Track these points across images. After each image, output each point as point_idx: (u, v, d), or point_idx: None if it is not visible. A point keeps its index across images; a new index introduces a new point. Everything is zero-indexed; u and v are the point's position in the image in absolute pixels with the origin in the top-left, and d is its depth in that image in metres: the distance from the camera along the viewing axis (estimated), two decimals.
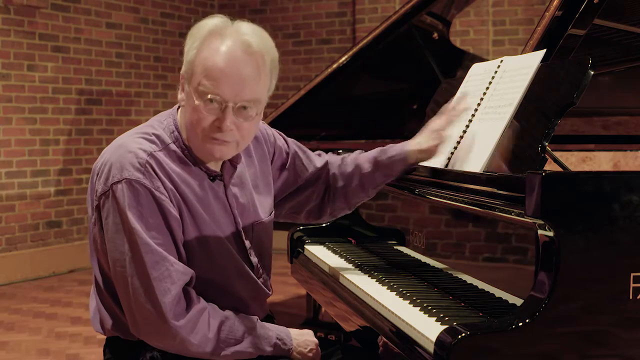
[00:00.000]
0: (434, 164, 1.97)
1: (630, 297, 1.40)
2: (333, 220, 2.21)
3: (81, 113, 5.99)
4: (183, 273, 1.62)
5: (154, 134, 1.69)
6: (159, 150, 1.66)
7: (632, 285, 1.40)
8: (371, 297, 1.81)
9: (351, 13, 6.62)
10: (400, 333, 1.57)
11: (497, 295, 1.62)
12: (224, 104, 1.61)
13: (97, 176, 1.66)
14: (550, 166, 1.63)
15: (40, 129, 5.68)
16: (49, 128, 5.76)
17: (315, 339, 1.82)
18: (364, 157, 2.03)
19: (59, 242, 5.85)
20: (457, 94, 2.09)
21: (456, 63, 3.83)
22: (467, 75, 2.10)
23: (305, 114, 3.87)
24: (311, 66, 6.79)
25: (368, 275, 2.01)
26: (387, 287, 1.86)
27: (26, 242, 5.61)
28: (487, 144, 1.79)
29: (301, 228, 2.55)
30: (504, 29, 6.05)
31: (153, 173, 1.62)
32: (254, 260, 1.83)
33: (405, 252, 2.12)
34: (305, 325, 3.13)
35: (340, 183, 2.03)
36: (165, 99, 6.68)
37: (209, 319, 1.64)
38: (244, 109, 1.64)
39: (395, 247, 2.20)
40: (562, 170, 1.70)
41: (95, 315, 1.75)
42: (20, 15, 5.48)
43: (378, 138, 3.89)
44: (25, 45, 5.54)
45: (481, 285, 1.69)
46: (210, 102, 1.61)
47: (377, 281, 1.94)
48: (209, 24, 1.67)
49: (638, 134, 2.56)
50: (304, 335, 1.81)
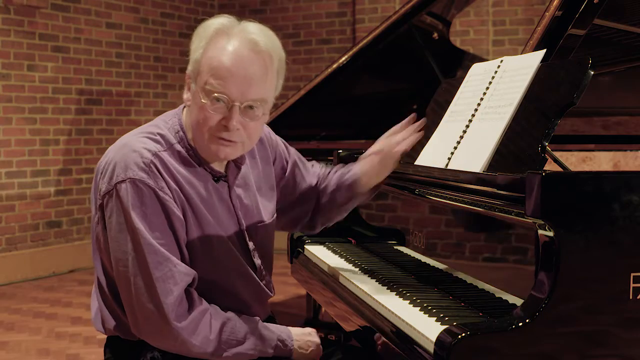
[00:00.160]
0: (434, 164, 1.97)
1: (630, 297, 1.40)
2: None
3: (81, 113, 5.99)
4: (185, 274, 1.62)
5: (158, 134, 1.68)
6: (164, 150, 1.66)
7: (632, 285, 1.40)
8: (371, 297, 1.81)
9: (351, 13, 6.62)
10: (400, 333, 1.57)
11: (497, 295, 1.62)
12: (230, 103, 1.61)
13: (101, 175, 1.65)
14: (550, 166, 1.62)
15: (40, 129, 5.68)
16: (49, 128, 5.76)
17: (317, 339, 1.83)
18: (338, 176, 2.04)
19: (59, 242, 5.85)
20: (457, 93, 2.09)
21: (456, 63, 3.83)
22: (467, 75, 2.10)
23: (305, 114, 3.87)
24: (311, 66, 6.79)
25: (368, 275, 2.01)
26: (387, 287, 1.86)
27: (26, 242, 5.61)
28: (487, 144, 1.79)
29: None
30: (504, 29, 6.06)
31: (157, 173, 1.61)
32: (257, 262, 1.83)
33: (405, 252, 2.12)
34: (306, 325, 3.13)
35: (325, 199, 2.04)
36: (165, 99, 6.68)
37: (211, 320, 1.64)
38: (251, 108, 1.64)
39: (395, 247, 2.19)
40: (562, 170, 1.69)
41: (97, 316, 1.75)
42: (20, 15, 5.48)
43: (378, 138, 3.89)
44: (25, 45, 5.54)
45: (481, 285, 1.69)
46: (217, 101, 1.61)
47: (377, 281, 1.94)
48: (215, 23, 1.67)
49: (638, 134, 2.56)
50: (305, 335, 1.81)
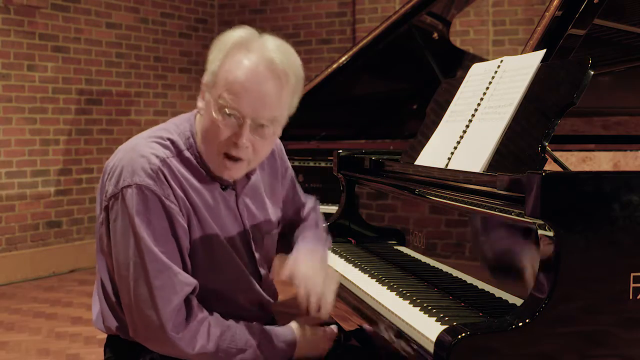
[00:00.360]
0: (434, 164, 1.97)
1: (630, 297, 1.40)
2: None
3: (81, 113, 5.99)
4: (186, 284, 1.61)
5: (168, 139, 1.67)
6: (172, 157, 1.65)
7: (632, 285, 1.40)
8: (371, 297, 1.81)
9: (351, 13, 6.62)
10: (400, 333, 1.57)
11: (497, 295, 1.62)
12: (242, 119, 1.59)
13: (108, 176, 1.65)
14: (550, 166, 1.63)
15: (40, 129, 5.68)
16: (49, 128, 5.76)
17: (323, 345, 1.80)
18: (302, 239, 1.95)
19: (59, 242, 5.85)
20: (457, 93, 2.09)
21: (456, 63, 3.83)
22: (467, 75, 2.10)
23: (305, 114, 3.86)
24: (311, 66, 6.78)
25: (368, 275, 2.01)
26: (387, 287, 1.86)
27: (26, 242, 5.61)
28: (487, 144, 1.79)
29: None
30: (504, 29, 6.05)
31: (164, 180, 1.61)
32: (263, 272, 1.82)
33: (405, 252, 2.12)
34: None
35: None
36: (165, 99, 6.68)
37: (209, 328, 1.63)
38: (261, 127, 1.62)
39: (395, 247, 2.19)
40: (562, 170, 1.70)
41: (98, 316, 1.75)
42: (20, 15, 5.48)
43: (378, 138, 3.90)
44: (25, 45, 5.54)
45: (481, 285, 1.69)
46: (229, 117, 1.59)
47: (377, 281, 1.94)
48: (234, 35, 1.64)
49: (638, 134, 2.56)
50: (310, 342, 1.78)
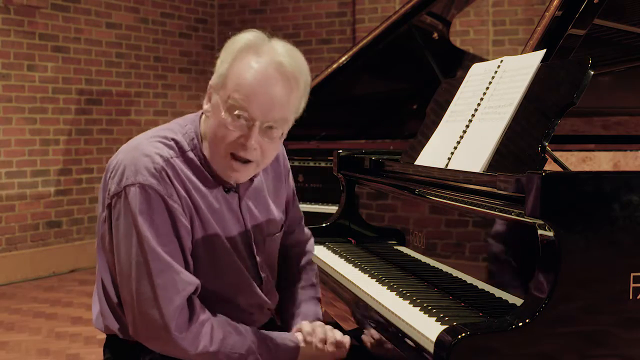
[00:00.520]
0: (434, 164, 1.97)
1: (630, 297, 1.40)
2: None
3: (81, 113, 5.99)
4: (188, 283, 1.61)
5: (172, 139, 1.67)
6: (176, 157, 1.65)
7: (632, 285, 1.40)
8: (371, 297, 1.81)
9: (351, 13, 6.62)
10: (400, 333, 1.57)
11: (497, 295, 1.62)
12: (251, 121, 1.60)
13: (111, 175, 1.65)
14: (550, 166, 1.63)
15: (40, 129, 5.68)
16: (49, 128, 5.76)
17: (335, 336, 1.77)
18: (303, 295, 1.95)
19: (59, 242, 5.85)
20: (457, 93, 2.09)
21: (456, 63, 3.83)
22: (467, 75, 2.10)
23: (305, 114, 3.86)
24: (311, 66, 6.69)
25: (368, 275, 2.02)
26: (387, 287, 1.86)
27: (26, 242, 5.61)
28: (487, 144, 1.79)
29: None
30: (504, 29, 6.05)
31: (167, 180, 1.61)
32: (264, 275, 1.81)
33: (405, 252, 2.12)
34: None
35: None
36: (165, 99, 6.68)
37: (212, 331, 1.62)
38: (270, 129, 1.63)
39: (395, 247, 2.19)
40: (562, 170, 1.70)
41: (98, 316, 1.75)
42: (20, 15, 5.48)
43: (378, 138, 3.90)
44: (25, 45, 5.54)
45: (481, 285, 1.69)
46: (238, 119, 1.60)
47: (377, 281, 1.94)
48: (244, 38, 1.65)
49: (638, 134, 2.56)
50: (315, 355, 1.76)
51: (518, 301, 1.51)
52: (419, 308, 1.65)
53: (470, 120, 1.95)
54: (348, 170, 2.53)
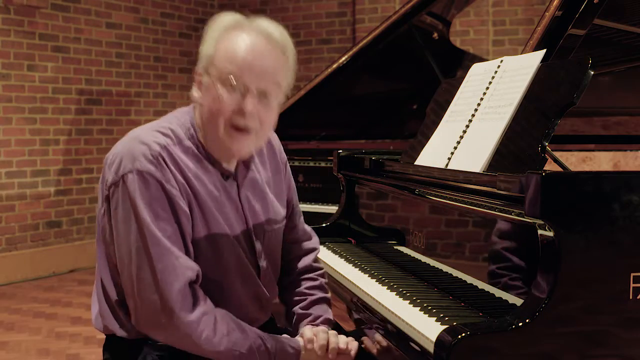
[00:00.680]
0: (434, 164, 1.97)
1: (630, 297, 1.40)
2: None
3: (81, 113, 5.99)
4: (187, 267, 1.61)
5: (169, 129, 1.69)
6: (173, 145, 1.66)
7: (632, 285, 1.40)
8: (371, 297, 1.81)
9: (351, 13, 6.62)
10: (401, 333, 1.57)
11: (497, 295, 1.62)
12: (246, 89, 1.64)
13: (108, 166, 1.66)
14: (550, 166, 1.63)
15: (40, 129, 5.68)
16: (49, 128, 5.76)
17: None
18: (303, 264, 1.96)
19: (59, 242, 5.85)
20: (457, 93, 2.09)
21: (456, 63, 3.83)
22: (467, 75, 2.10)
23: (305, 114, 3.87)
24: (311, 66, 6.79)
25: (368, 275, 2.02)
26: (387, 287, 1.86)
27: (26, 242, 5.61)
28: (487, 144, 1.79)
29: None
30: (504, 29, 6.06)
31: (165, 165, 1.62)
32: (263, 264, 1.81)
33: (405, 252, 2.12)
34: None
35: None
36: (165, 99, 6.68)
37: (215, 323, 1.62)
38: (265, 96, 1.66)
39: (395, 247, 2.19)
40: (562, 170, 1.70)
41: (97, 315, 1.75)
42: (20, 15, 5.48)
43: (378, 138, 3.90)
44: (25, 45, 5.54)
45: (481, 285, 1.69)
46: (233, 90, 1.63)
47: (377, 281, 1.94)
48: (227, 18, 1.71)
49: (638, 134, 2.56)
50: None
51: (518, 301, 1.51)
52: (419, 308, 1.65)
53: (470, 120, 1.95)
54: (348, 170, 2.53)
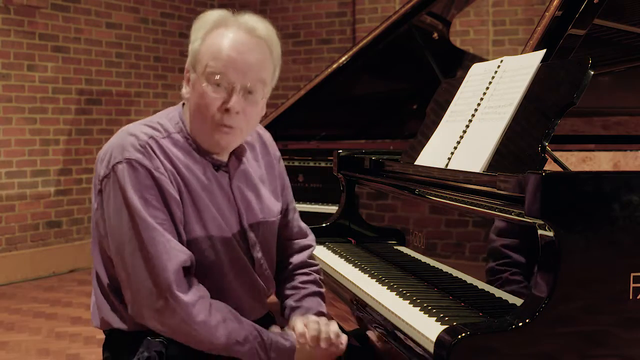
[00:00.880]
0: (434, 164, 1.97)
1: (630, 297, 1.40)
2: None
3: (81, 113, 5.99)
4: (179, 251, 1.62)
5: (158, 123, 1.73)
6: (162, 138, 1.70)
7: (632, 285, 1.40)
8: (371, 297, 1.81)
9: (351, 13, 6.62)
10: (401, 333, 1.57)
11: (497, 295, 1.62)
12: (230, 85, 1.66)
13: (100, 162, 1.69)
14: (550, 166, 1.63)
15: (40, 129, 5.68)
16: (49, 128, 5.76)
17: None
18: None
19: (59, 242, 5.85)
20: (457, 93, 2.09)
21: (456, 63, 3.83)
22: (467, 75, 2.10)
23: (306, 114, 3.87)
24: (311, 66, 6.79)
25: (368, 275, 2.02)
26: (387, 287, 1.86)
27: (26, 242, 5.61)
28: (487, 144, 1.79)
29: None
30: (504, 29, 6.06)
31: (153, 153, 1.65)
32: (257, 255, 1.81)
33: (405, 252, 2.12)
34: None
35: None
36: (165, 99, 6.68)
37: (210, 308, 1.62)
38: (250, 93, 1.68)
39: (395, 247, 2.20)
40: (562, 170, 1.70)
41: (94, 309, 1.76)
42: (20, 15, 5.48)
43: (378, 138, 3.90)
44: (25, 45, 5.54)
45: (481, 285, 1.69)
46: (218, 86, 1.66)
47: (377, 281, 1.94)
48: (213, 14, 1.74)
49: (638, 134, 2.56)
50: (310, 354, 1.73)
51: (518, 301, 1.51)
52: (419, 308, 1.65)
53: (470, 120, 1.95)
54: (348, 170, 2.53)
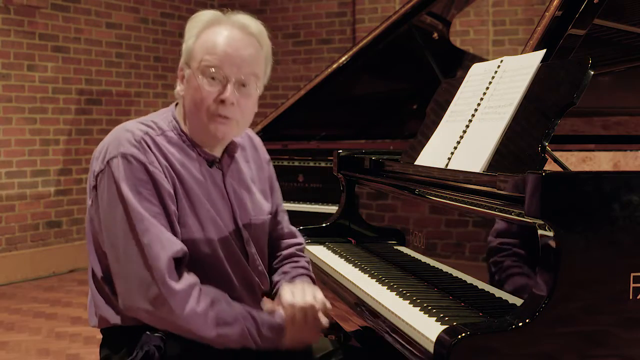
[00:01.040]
0: (434, 164, 1.97)
1: (630, 297, 1.40)
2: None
3: (81, 113, 5.99)
4: (172, 242, 1.63)
5: (152, 121, 1.77)
6: (157, 135, 1.74)
7: (632, 285, 1.40)
8: (371, 297, 1.81)
9: (351, 13, 6.62)
10: (400, 333, 1.57)
11: (497, 295, 1.62)
12: (225, 79, 1.70)
13: (95, 158, 1.73)
14: (550, 166, 1.63)
15: (40, 129, 5.68)
16: (49, 128, 5.76)
17: (313, 334, 1.75)
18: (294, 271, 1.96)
19: (59, 242, 5.85)
20: (457, 93, 2.09)
21: (456, 63, 3.83)
22: (467, 75, 2.10)
23: (306, 114, 3.87)
24: (311, 66, 6.79)
25: (368, 275, 2.02)
26: (387, 287, 1.86)
27: (26, 242, 5.61)
28: (487, 144, 1.79)
29: (301, 228, 2.53)
30: (504, 29, 6.06)
31: (147, 148, 1.69)
32: (251, 250, 1.83)
33: (405, 252, 2.12)
34: None
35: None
36: (165, 99, 6.68)
37: (200, 294, 1.63)
38: (244, 86, 1.73)
39: (395, 247, 2.19)
40: (562, 170, 1.70)
41: (91, 306, 1.77)
42: (20, 15, 5.48)
43: (378, 138, 3.90)
44: (25, 45, 5.54)
45: (481, 285, 1.69)
46: (213, 79, 1.71)
47: (377, 281, 1.94)
48: (206, 14, 1.79)
49: (638, 134, 2.56)
50: (299, 330, 1.72)
51: (518, 301, 1.51)
52: (419, 308, 1.65)
53: (470, 120, 1.95)
54: (348, 170, 2.53)
